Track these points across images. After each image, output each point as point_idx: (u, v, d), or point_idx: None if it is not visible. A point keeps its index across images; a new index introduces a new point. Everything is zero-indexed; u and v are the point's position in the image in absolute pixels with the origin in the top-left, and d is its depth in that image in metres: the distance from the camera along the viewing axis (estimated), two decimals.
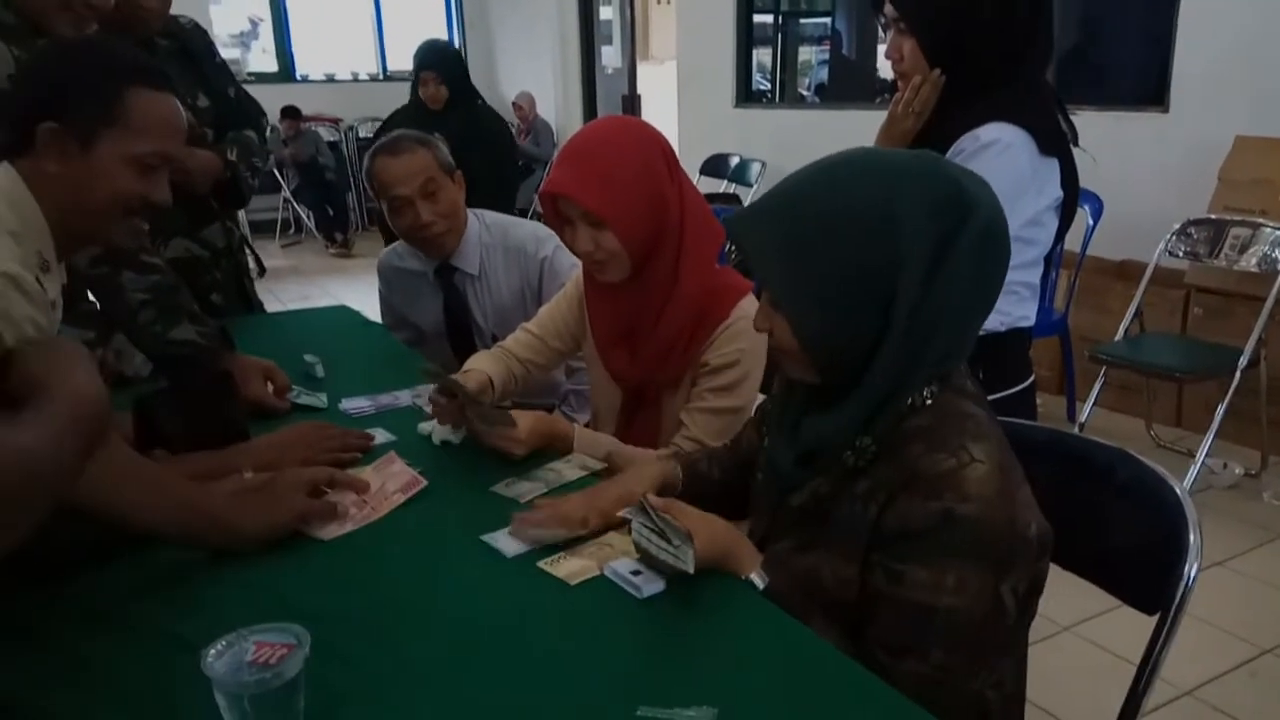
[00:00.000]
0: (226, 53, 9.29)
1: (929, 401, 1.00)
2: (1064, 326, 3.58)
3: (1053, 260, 2.94)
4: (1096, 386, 3.34)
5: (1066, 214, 1.59)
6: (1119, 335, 3.35)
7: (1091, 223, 3.52)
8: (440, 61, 3.69)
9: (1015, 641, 1.06)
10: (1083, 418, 3.34)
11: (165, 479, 1.14)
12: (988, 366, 1.52)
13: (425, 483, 1.31)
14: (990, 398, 1.51)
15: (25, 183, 1.21)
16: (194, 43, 2.22)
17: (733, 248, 2.13)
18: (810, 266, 0.96)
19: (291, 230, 8.60)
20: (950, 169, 1.00)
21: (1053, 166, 1.53)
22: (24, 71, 1.38)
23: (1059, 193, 1.55)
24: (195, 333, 1.66)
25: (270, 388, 1.69)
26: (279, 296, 5.94)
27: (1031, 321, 1.62)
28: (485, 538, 1.17)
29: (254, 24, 9.34)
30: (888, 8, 1.54)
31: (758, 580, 1.08)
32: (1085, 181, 1.66)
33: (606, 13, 8.19)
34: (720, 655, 0.95)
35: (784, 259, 0.98)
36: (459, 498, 1.31)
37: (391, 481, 1.30)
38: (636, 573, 1.06)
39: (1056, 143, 1.53)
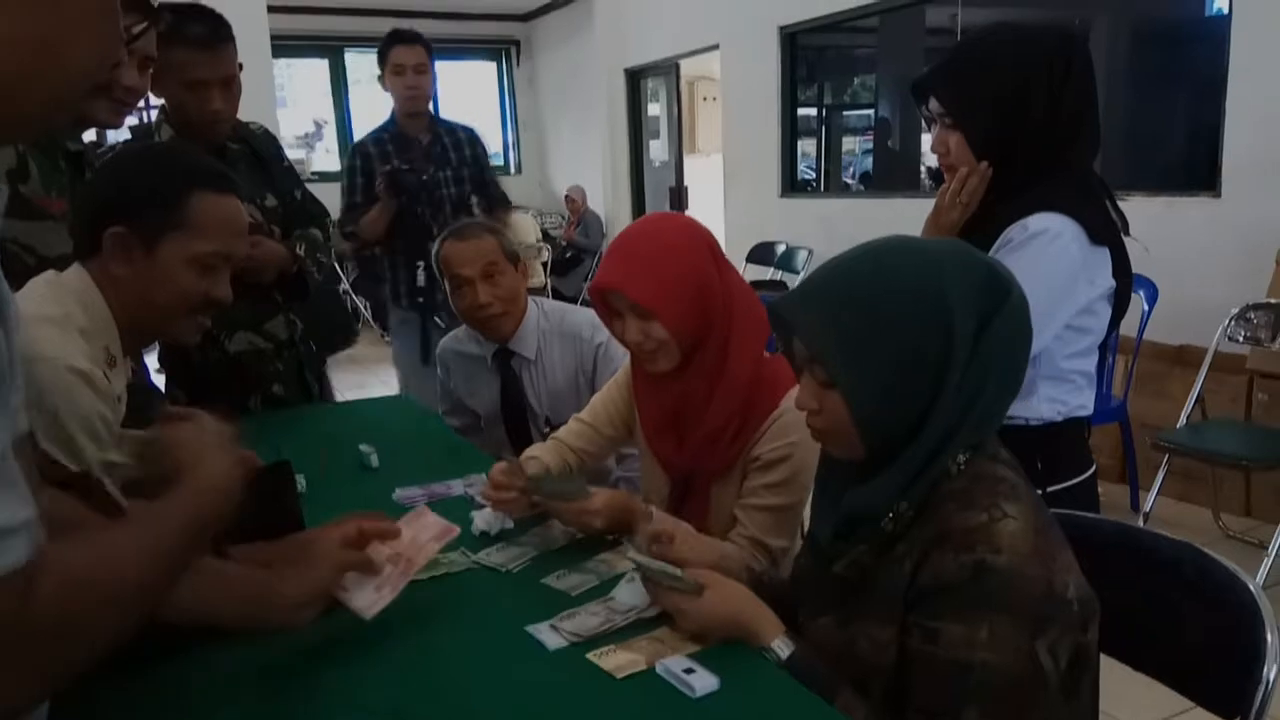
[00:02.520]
0: (292, 153, 9.68)
1: (962, 467, 1.03)
2: (1124, 413, 3.50)
3: (1109, 346, 2.90)
4: (1160, 475, 3.25)
5: (1120, 302, 1.58)
6: (1181, 422, 3.26)
7: (1147, 308, 3.48)
8: None
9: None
10: (1147, 507, 3.23)
11: (202, 561, 1.11)
12: (1046, 457, 1.50)
13: (458, 530, 1.28)
14: (1051, 489, 1.52)
15: (95, 282, 1.28)
16: (264, 147, 2.35)
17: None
18: (869, 348, 1.01)
19: None
20: (979, 255, 1.07)
21: (1104, 256, 1.51)
22: (95, 177, 1.45)
23: (1111, 282, 1.53)
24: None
25: None
26: (335, 384, 6.05)
27: (1089, 410, 1.58)
28: (530, 629, 1.16)
29: (318, 126, 9.80)
30: (933, 103, 1.56)
31: (780, 649, 1.09)
32: (1138, 266, 1.65)
33: (654, 109, 8.45)
34: None
35: (841, 341, 1.02)
36: (508, 589, 1.31)
37: (424, 532, 1.27)
38: (690, 671, 1.04)
39: (1107, 232, 1.52)
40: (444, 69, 10.01)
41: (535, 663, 1.10)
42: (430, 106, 3.27)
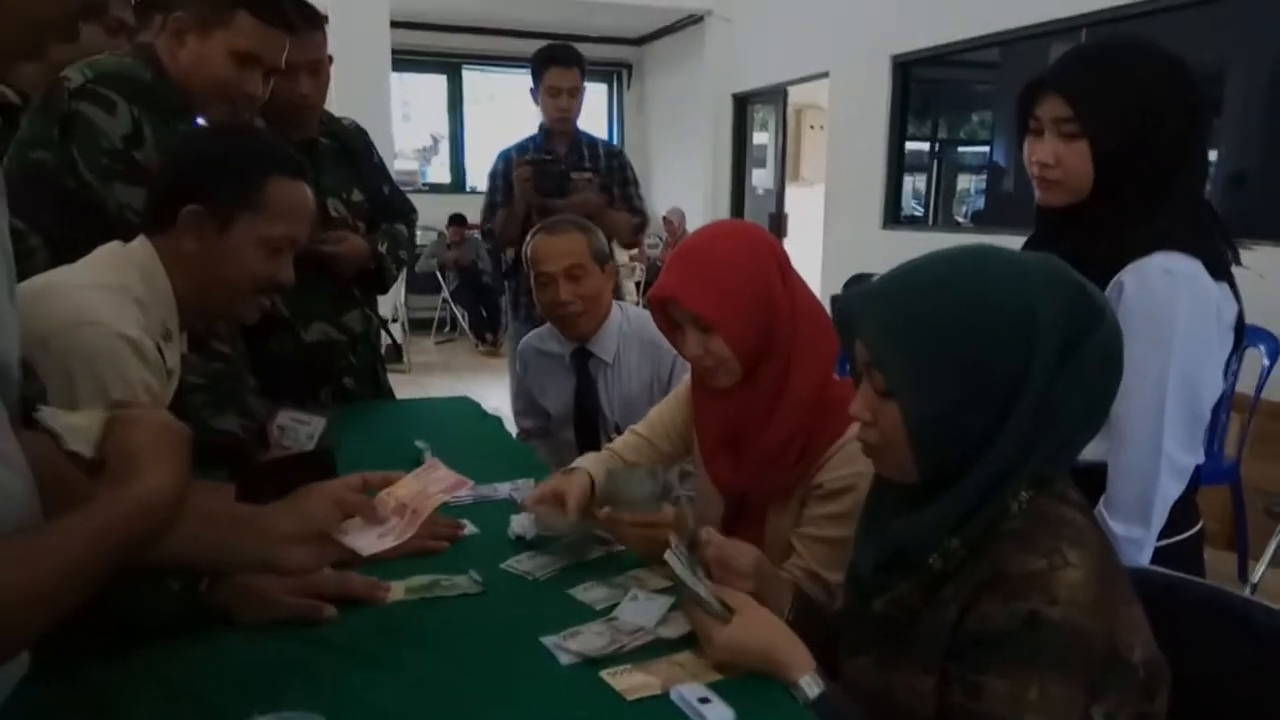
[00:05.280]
0: (407, 164, 9.99)
1: (1024, 505, 0.93)
2: (1235, 475, 3.24)
3: (1221, 402, 2.68)
4: (1272, 544, 3.00)
5: (1234, 339, 1.44)
6: None
7: (1267, 363, 3.22)
8: None
9: None
10: (1255, 578, 2.98)
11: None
12: None
13: (470, 483, 1.23)
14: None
15: (159, 256, 1.29)
16: (353, 142, 2.39)
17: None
18: (936, 357, 0.92)
19: (447, 329, 9.03)
20: (1072, 273, 0.96)
21: (1224, 289, 1.39)
22: (172, 156, 1.48)
23: (1235, 306, 1.41)
24: (238, 425, 1.69)
25: None
26: (425, 388, 6.20)
27: (1199, 460, 1.44)
28: (545, 640, 1.11)
29: (435, 140, 10.15)
30: (1049, 107, 1.42)
31: (809, 688, 1.00)
32: (1261, 319, 1.51)
33: (760, 138, 8.40)
34: None
35: (906, 346, 0.94)
36: (530, 597, 1.27)
37: (434, 485, 1.21)
38: (705, 700, 0.97)
39: (1223, 266, 1.39)
40: None
41: (545, 677, 1.05)
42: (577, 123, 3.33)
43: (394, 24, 7.37)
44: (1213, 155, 3.97)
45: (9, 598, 0.66)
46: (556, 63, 3.17)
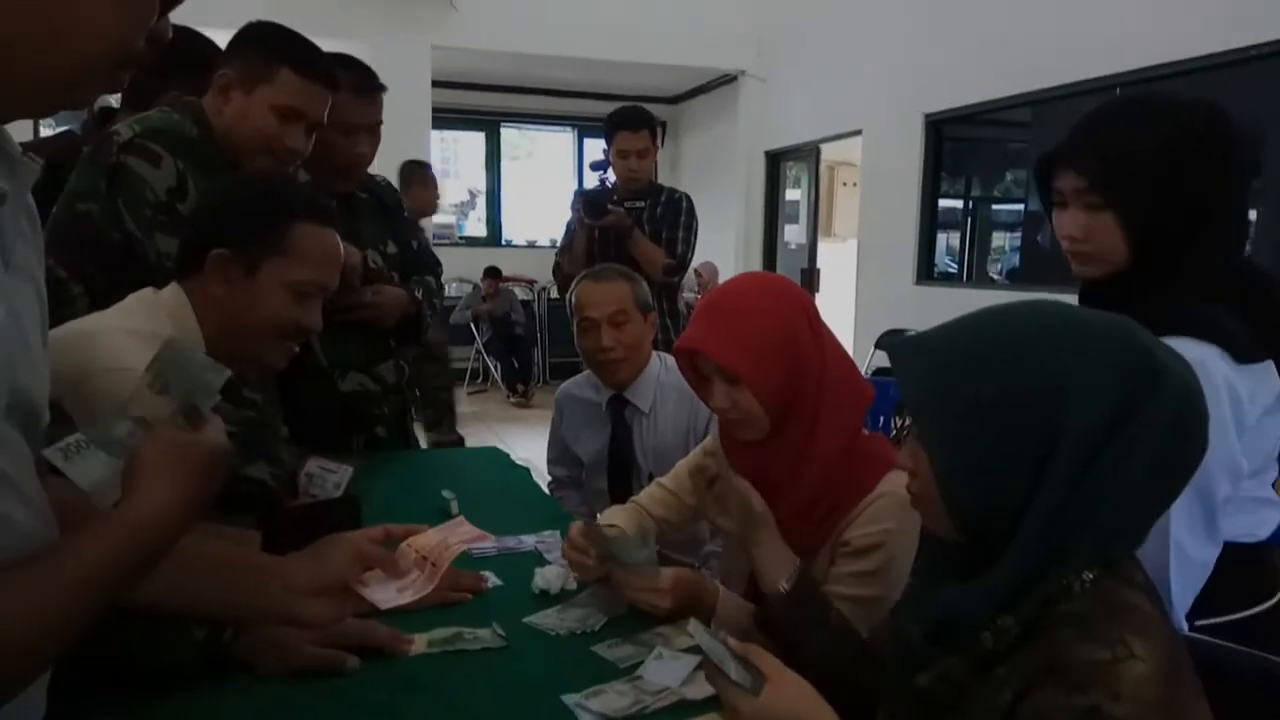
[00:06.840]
0: (446, 219, 10.15)
1: (1087, 586, 0.87)
2: None
3: None
4: None
5: None
6: None
7: None
8: None
9: None
10: None
11: (194, 550, 0.97)
12: (1214, 583, 1.29)
13: (491, 537, 1.23)
14: (1217, 620, 1.31)
15: (190, 301, 1.31)
16: (387, 197, 2.46)
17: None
18: (964, 411, 0.89)
19: (480, 379, 9.08)
20: (1143, 338, 0.91)
21: (1261, 370, 1.30)
22: (203, 201, 1.51)
23: (1276, 387, 1.32)
24: (268, 473, 1.69)
25: None
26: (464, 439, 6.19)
27: (1266, 534, 1.36)
28: (566, 699, 1.08)
29: (473, 195, 10.33)
30: (1068, 180, 1.36)
31: None
32: None
33: (793, 194, 8.45)
34: None
35: (937, 396, 0.92)
36: (553, 653, 1.24)
37: (454, 537, 1.20)
38: None
39: (1260, 345, 1.30)
40: (594, 147, 10.48)
41: None
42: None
43: (435, 83, 7.56)
44: (1251, 215, 3.91)
45: (9, 627, 0.65)
46: (624, 126, 3.32)
